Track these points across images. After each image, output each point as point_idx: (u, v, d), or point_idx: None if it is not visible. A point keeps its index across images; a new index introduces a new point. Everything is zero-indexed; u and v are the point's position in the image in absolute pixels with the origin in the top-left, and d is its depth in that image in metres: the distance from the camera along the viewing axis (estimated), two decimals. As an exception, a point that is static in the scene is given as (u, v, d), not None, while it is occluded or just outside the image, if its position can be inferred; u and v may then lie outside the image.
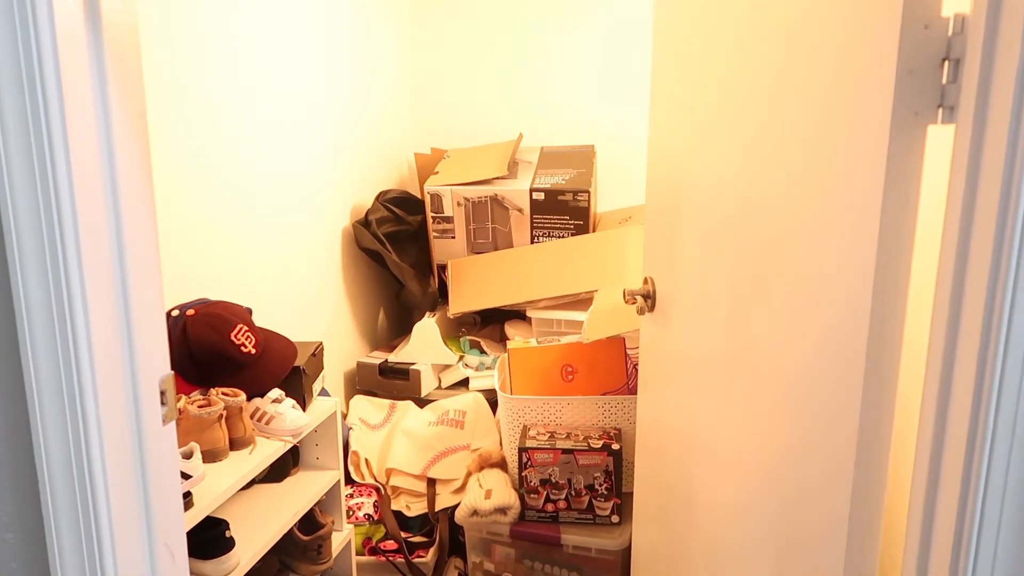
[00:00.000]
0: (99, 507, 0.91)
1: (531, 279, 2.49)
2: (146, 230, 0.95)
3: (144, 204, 0.93)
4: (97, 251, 0.88)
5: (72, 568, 0.92)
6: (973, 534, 0.74)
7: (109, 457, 0.91)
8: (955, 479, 0.74)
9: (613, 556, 1.89)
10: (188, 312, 1.67)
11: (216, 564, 1.45)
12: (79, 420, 0.89)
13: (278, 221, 2.16)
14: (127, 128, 0.90)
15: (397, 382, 2.46)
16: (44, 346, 0.88)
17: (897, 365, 0.87)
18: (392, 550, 2.06)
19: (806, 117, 0.96)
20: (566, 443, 1.89)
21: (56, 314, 0.88)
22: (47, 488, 0.91)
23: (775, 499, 1.10)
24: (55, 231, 0.86)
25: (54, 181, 0.84)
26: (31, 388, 0.89)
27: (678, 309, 1.43)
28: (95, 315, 0.88)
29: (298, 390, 1.76)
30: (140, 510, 0.95)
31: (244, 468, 1.52)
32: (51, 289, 0.87)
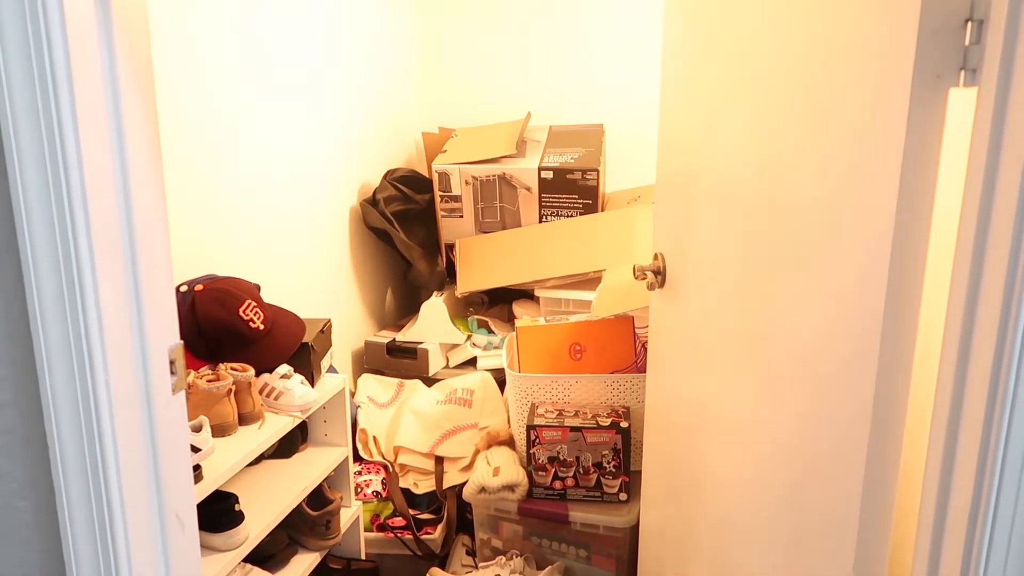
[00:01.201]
0: (109, 476, 0.91)
1: (539, 258, 2.48)
2: (154, 198, 0.94)
3: (152, 170, 0.93)
4: (105, 219, 0.88)
5: (83, 536, 0.92)
6: (990, 509, 0.73)
7: (119, 426, 0.91)
8: (972, 452, 0.73)
9: (621, 533, 1.89)
10: (196, 288, 1.67)
11: (225, 537, 1.45)
12: (88, 388, 0.89)
13: (285, 200, 2.15)
14: (135, 94, 0.89)
15: (405, 361, 2.46)
16: (53, 314, 0.88)
17: (914, 338, 0.86)
18: (400, 527, 2.07)
19: (823, 84, 0.94)
20: (574, 421, 1.89)
21: (65, 282, 0.87)
22: (57, 456, 0.90)
23: (786, 475, 1.09)
24: (63, 197, 0.85)
25: (61, 146, 0.83)
26: (40, 355, 0.88)
27: (689, 285, 1.42)
28: (104, 283, 0.88)
29: (306, 366, 1.76)
30: (150, 479, 0.95)
31: (253, 443, 1.53)
32: (60, 257, 0.87)
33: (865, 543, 0.93)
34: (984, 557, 0.74)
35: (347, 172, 2.54)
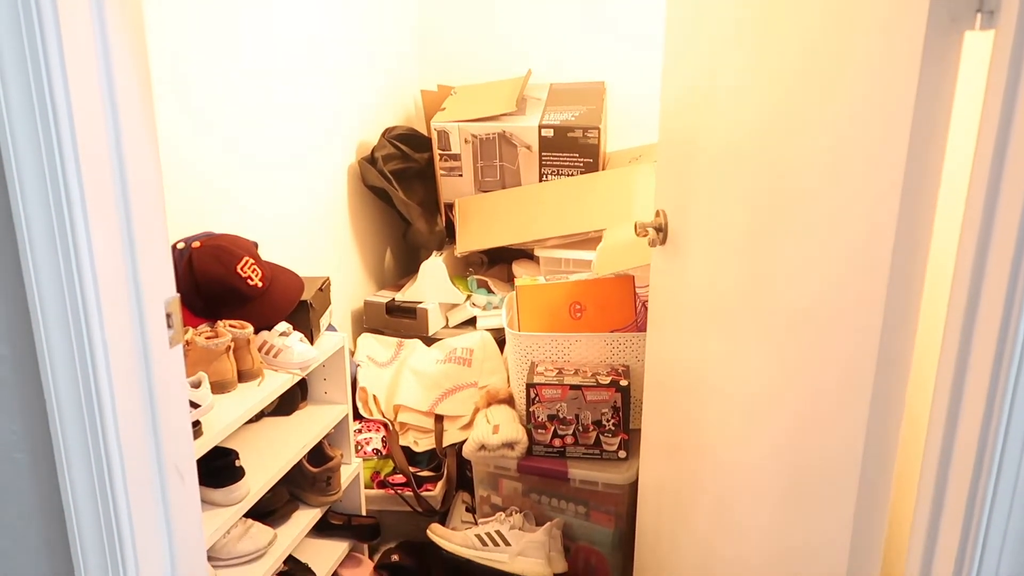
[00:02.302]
0: (107, 428, 0.90)
1: (539, 218, 2.46)
2: (147, 150, 0.92)
3: (144, 122, 0.91)
4: (97, 170, 0.86)
5: (83, 487, 0.92)
6: (994, 463, 0.72)
7: (116, 378, 0.90)
8: (978, 402, 0.72)
9: (620, 490, 1.90)
10: (193, 245, 1.65)
11: (226, 492, 1.46)
12: (84, 341, 0.88)
13: (282, 158, 2.12)
14: (125, 41, 0.87)
15: (404, 321, 2.45)
16: (47, 267, 0.86)
17: (920, 294, 0.85)
18: (400, 484, 2.08)
19: (832, 29, 0.91)
20: (574, 379, 1.89)
21: (58, 235, 0.86)
22: (54, 408, 0.90)
23: (786, 432, 1.09)
24: (53, 148, 0.83)
25: (51, 95, 0.81)
26: (35, 309, 0.87)
27: (690, 242, 1.40)
28: (97, 236, 0.86)
29: (305, 324, 1.76)
30: (148, 432, 0.95)
31: (252, 399, 1.53)
32: (52, 210, 0.85)
33: (865, 496, 0.93)
34: (988, 507, 0.73)
35: (345, 130, 2.50)
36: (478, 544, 1.84)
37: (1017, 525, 0.72)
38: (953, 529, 0.76)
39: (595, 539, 1.97)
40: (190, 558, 1.04)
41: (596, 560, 1.98)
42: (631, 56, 2.78)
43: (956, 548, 0.76)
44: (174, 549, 1.01)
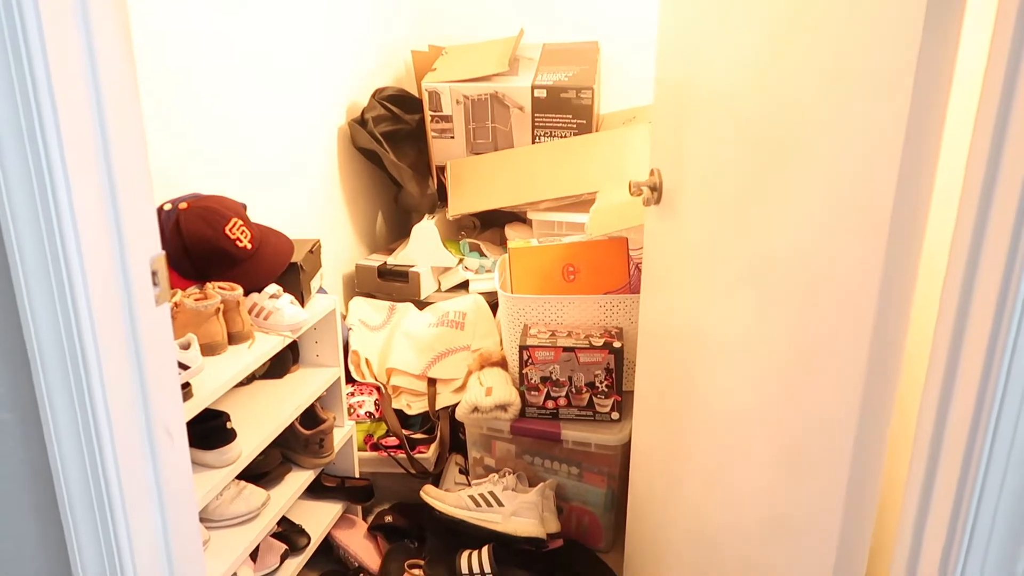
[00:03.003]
0: (93, 387, 0.89)
1: (532, 180, 2.43)
2: (128, 97, 0.89)
3: (124, 67, 0.88)
4: (77, 123, 0.83)
5: (70, 448, 0.91)
6: (991, 421, 0.71)
7: (101, 337, 0.88)
8: (975, 369, 0.71)
9: (612, 451, 1.91)
10: (181, 206, 1.62)
11: (218, 454, 1.46)
12: (68, 299, 0.86)
13: (271, 120, 2.08)
14: None
15: (396, 284, 2.44)
16: (27, 225, 0.84)
17: (919, 250, 0.83)
18: (394, 446, 2.08)
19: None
20: (567, 341, 1.88)
21: (37, 190, 0.83)
22: (39, 368, 0.88)
23: (782, 393, 1.09)
24: (31, 101, 0.81)
25: (26, 48, 0.78)
26: (16, 266, 0.85)
27: (685, 201, 1.38)
28: (79, 192, 0.84)
29: (296, 286, 1.74)
30: (136, 391, 0.94)
31: (243, 361, 1.51)
32: (31, 163, 0.82)
33: (860, 458, 0.92)
34: (983, 469, 0.73)
35: (334, 91, 2.46)
36: (471, 505, 1.85)
37: (1013, 482, 0.72)
38: (947, 490, 0.76)
39: (588, 500, 1.98)
40: (182, 518, 1.03)
41: (589, 520, 1.99)
42: (625, 16, 2.73)
43: (950, 511, 0.76)
44: (165, 509, 1.00)
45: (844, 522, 0.94)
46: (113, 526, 0.94)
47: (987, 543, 0.75)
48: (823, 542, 0.96)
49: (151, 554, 0.99)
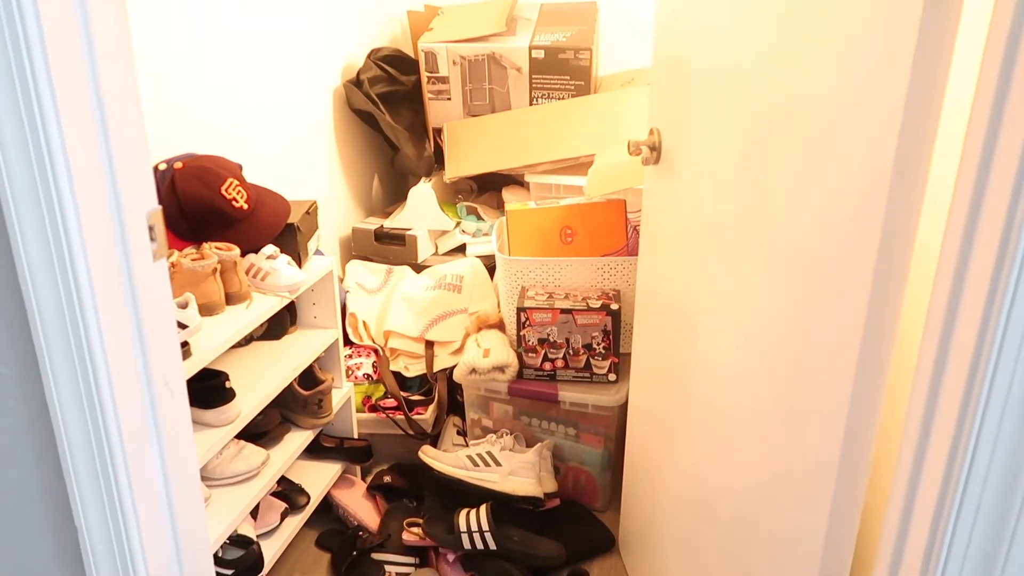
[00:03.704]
0: (92, 342, 0.89)
1: (530, 142, 2.41)
2: (122, 55, 0.88)
3: (119, 28, 0.86)
4: (70, 77, 0.82)
5: (70, 403, 0.91)
6: (985, 382, 0.72)
7: (99, 293, 0.88)
8: (972, 327, 0.71)
9: (609, 412, 1.92)
10: (176, 166, 1.61)
11: (217, 413, 1.46)
12: (65, 255, 0.86)
13: (265, 80, 2.06)
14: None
15: (393, 248, 2.43)
16: (21, 179, 0.83)
17: (916, 220, 0.83)
18: (392, 407, 2.09)
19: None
20: (565, 303, 1.88)
21: (31, 144, 0.82)
22: (38, 324, 0.88)
23: (778, 355, 1.09)
24: (22, 53, 0.79)
25: None
26: (12, 222, 0.85)
27: (684, 162, 1.37)
28: (73, 146, 0.83)
29: (293, 247, 1.73)
30: (135, 346, 0.94)
31: (241, 321, 1.51)
32: (23, 116, 0.81)
33: (855, 417, 0.93)
34: (978, 423, 0.73)
35: (329, 51, 2.43)
36: (469, 465, 1.87)
37: (1009, 431, 0.72)
38: (942, 447, 0.76)
39: (585, 460, 2.00)
40: (183, 472, 1.04)
41: (585, 480, 2.01)
42: (624, -26, 2.69)
43: (944, 466, 0.76)
44: (166, 464, 1.01)
45: (838, 484, 0.95)
46: (115, 479, 0.95)
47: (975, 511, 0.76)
48: (816, 504, 0.97)
49: (153, 506, 1.00)
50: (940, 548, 0.79)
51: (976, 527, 0.76)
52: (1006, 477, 0.73)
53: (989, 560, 0.77)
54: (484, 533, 1.70)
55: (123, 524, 0.98)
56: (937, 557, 0.79)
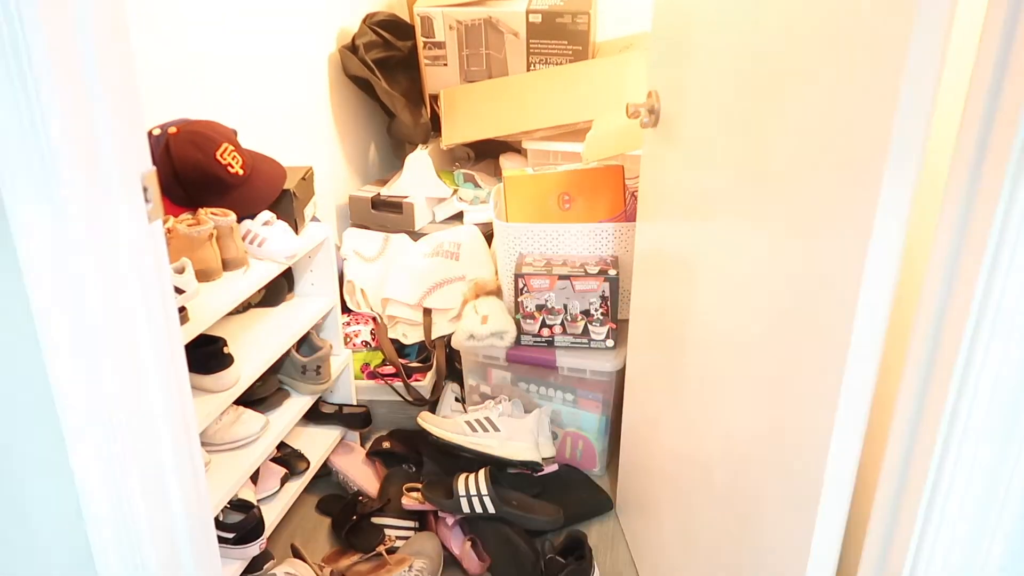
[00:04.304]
0: (90, 306, 0.88)
1: (527, 108, 2.39)
2: (113, 9, 0.86)
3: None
4: (60, 37, 0.81)
5: (67, 364, 0.91)
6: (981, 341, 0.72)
7: (95, 255, 0.88)
8: (969, 287, 0.71)
9: (607, 378, 1.93)
10: (170, 130, 1.60)
11: (216, 379, 1.46)
12: (61, 215, 0.85)
13: (258, 45, 2.03)
14: None
15: (390, 215, 2.42)
16: (10, 137, 0.82)
17: (915, 182, 0.82)
18: (390, 374, 2.10)
19: None
20: (562, 269, 1.88)
21: (23, 105, 0.81)
22: (33, 288, 0.88)
23: (776, 323, 1.09)
24: (11, 9, 0.78)
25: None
26: (3, 185, 0.84)
27: (683, 126, 1.36)
28: (63, 107, 0.82)
29: (289, 214, 1.72)
30: (133, 307, 0.93)
31: (239, 287, 1.51)
32: (14, 77, 0.80)
33: (852, 376, 0.93)
34: (975, 374, 0.74)
35: (324, 15, 2.39)
36: (468, 430, 1.88)
37: (1007, 374, 0.72)
38: (937, 406, 0.77)
39: (582, 425, 2.01)
40: (182, 435, 1.05)
41: (583, 445, 2.03)
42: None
43: (939, 426, 0.77)
44: (166, 426, 1.01)
45: (834, 446, 0.95)
46: (115, 440, 0.95)
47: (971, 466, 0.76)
48: (812, 465, 0.98)
49: (153, 466, 1.01)
50: (935, 508, 0.79)
51: (972, 480, 0.77)
52: (1005, 421, 0.73)
53: (984, 512, 0.77)
54: (483, 497, 1.72)
55: (125, 486, 0.98)
56: (932, 517, 0.79)
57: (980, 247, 0.70)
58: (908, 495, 0.82)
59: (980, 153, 0.69)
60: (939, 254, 0.74)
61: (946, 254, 0.73)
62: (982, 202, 0.70)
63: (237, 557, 1.53)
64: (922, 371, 0.79)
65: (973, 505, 0.77)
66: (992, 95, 0.67)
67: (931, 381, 0.78)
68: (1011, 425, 0.74)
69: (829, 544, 0.97)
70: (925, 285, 0.77)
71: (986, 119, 0.68)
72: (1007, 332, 0.71)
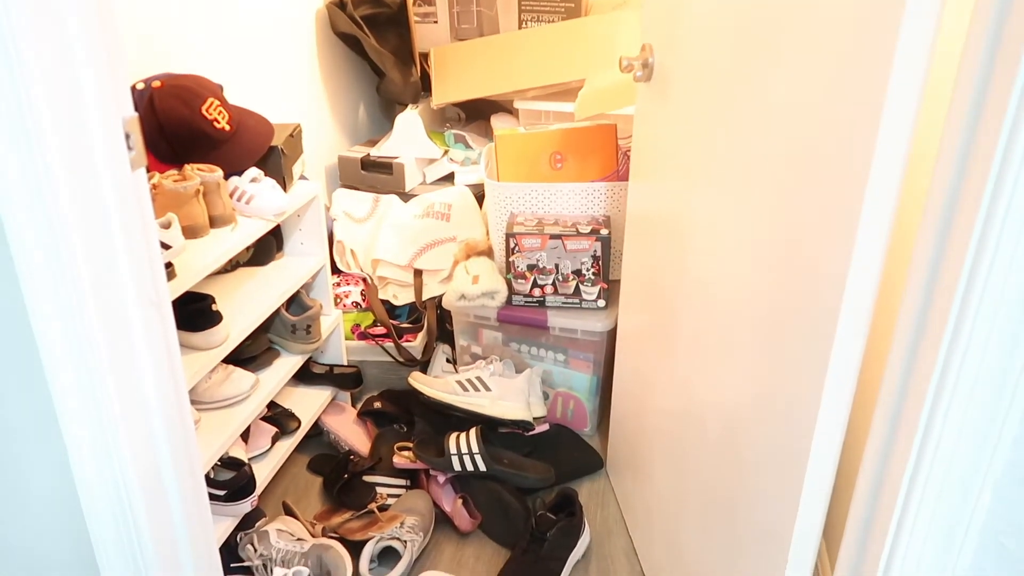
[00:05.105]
0: (74, 258, 0.87)
1: (519, 67, 2.36)
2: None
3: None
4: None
5: (54, 320, 0.89)
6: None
7: (76, 204, 0.86)
8: (969, 224, 0.70)
9: (598, 338, 1.93)
10: (154, 84, 1.56)
11: (205, 336, 1.45)
12: (40, 163, 0.83)
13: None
14: None
15: (380, 176, 2.39)
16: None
17: (909, 140, 0.80)
18: (381, 335, 2.09)
19: None
20: (554, 229, 1.87)
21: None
22: (13, 230, 0.86)
23: (767, 280, 1.08)
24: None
25: None
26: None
27: (677, 81, 1.34)
28: (41, 49, 0.80)
29: (277, 171, 1.70)
30: (118, 258, 0.92)
31: (226, 245, 1.49)
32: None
33: (842, 345, 0.92)
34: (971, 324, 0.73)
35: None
36: (459, 390, 1.88)
37: (1003, 328, 0.72)
38: (928, 365, 0.76)
39: (573, 386, 2.01)
40: (172, 390, 1.04)
41: (574, 405, 2.03)
42: None
43: (929, 384, 0.76)
44: (155, 377, 1.00)
45: (824, 407, 0.95)
46: (103, 395, 0.94)
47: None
48: (802, 421, 0.98)
49: (142, 422, 1.00)
50: (922, 463, 0.79)
51: (961, 437, 0.77)
52: (993, 388, 0.73)
53: (974, 468, 0.78)
54: (474, 455, 1.72)
55: (113, 441, 0.97)
56: (920, 473, 0.79)
57: (975, 201, 0.69)
58: (898, 450, 0.82)
59: (983, 89, 0.68)
60: (932, 214, 0.73)
61: (939, 216, 0.72)
62: (982, 139, 0.69)
63: (228, 514, 1.53)
64: (914, 323, 0.78)
65: (961, 466, 0.78)
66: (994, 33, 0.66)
67: (922, 338, 0.78)
68: (1003, 374, 0.73)
69: (819, 491, 0.98)
70: (915, 254, 0.76)
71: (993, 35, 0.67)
72: (1000, 288, 0.70)
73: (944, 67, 1.09)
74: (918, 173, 1.15)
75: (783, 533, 1.02)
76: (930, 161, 0.74)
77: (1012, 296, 0.69)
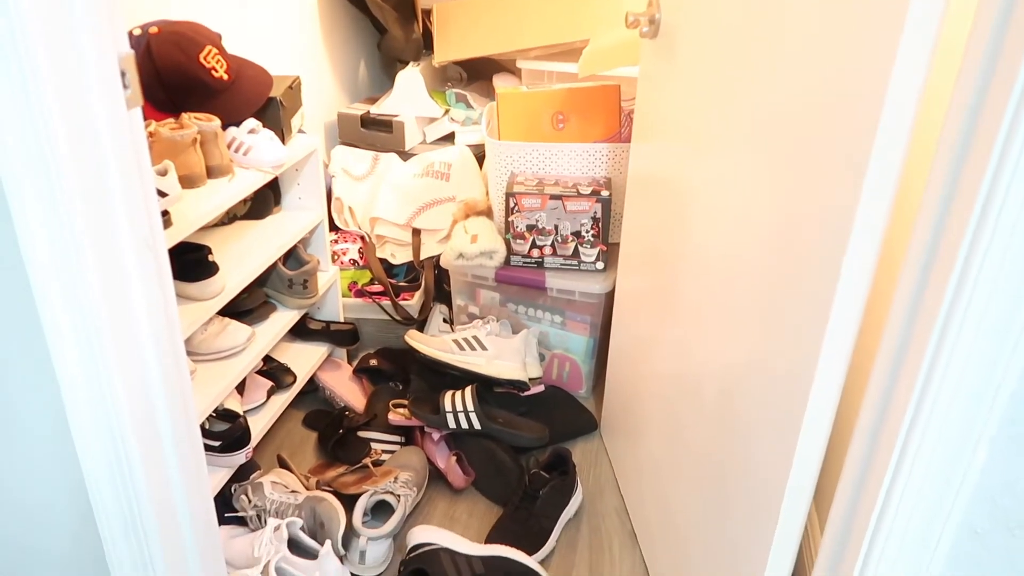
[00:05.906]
0: (71, 195, 0.85)
1: (523, 26, 2.32)
2: None
3: None
4: None
5: (48, 264, 0.88)
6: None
7: (69, 143, 0.84)
8: (972, 194, 0.69)
9: (596, 300, 1.92)
10: (151, 30, 1.53)
11: (201, 286, 1.45)
12: (33, 100, 0.81)
13: (244, -59, 1.94)
14: None
15: (380, 134, 2.37)
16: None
17: (916, 106, 0.79)
18: (378, 292, 2.09)
19: None
20: (554, 189, 1.85)
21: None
22: (9, 172, 0.85)
23: (768, 244, 1.07)
24: None
25: None
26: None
27: (683, 38, 1.32)
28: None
29: (276, 123, 1.68)
30: (113, 200, 0.90)
31: (223, 195, 1.48)
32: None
33: (838, 314, 0.91)
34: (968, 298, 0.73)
35: (312, -81, 2.29)
36: (455, 349, 1.88)
37: (1001, 305, 0.71)
38: (925, 333, 0.76)
39: (570, 347, 2.01)
40: (167, 336, 1.03)
41: (571, 367, 2.04)
42: None
43: (925, 351, 0.76)
44: (150, 322, 0.99)
45: (818, 375, 0.95)
46: (98, 341, 0.94)
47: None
48: (798, 386, 0.98)
49: (138, 365, 0.99)
50: (915, 430, 0.79)
51: (958, 394, 0.77)
52: (992, 346, 0.73)
53: (969, 425, 0.78)
54: (469, 413, 1.73)
55: (108, 384, 0.97)
56: (911, 440, 0.79)
57: (979, 173, 0.68)
58: (891, 414, 0.82)
59: (991, 60, 0.66)
60: (938, 174, 0.72)
61: (945, 176, 0.71)
62: (986, 117, 0.67)
63: (223, 465, 1.54)
64: (914, 287, 0.78)
65: (956, 427, 0.78)
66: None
67: (920, 306, 0.77)
68: (1003, 333, 0.73)
69: (813, 451, 0.98)
70: (919, 214, 0.75)
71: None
72: (1000, 261, 0.69)
73: (954, 28, 1.07)
74: (924, 143, 1.13)
75: (774, 494, 1.03)
76: (937, 126, 0.73)
77: (1016, 251, 0.68)
